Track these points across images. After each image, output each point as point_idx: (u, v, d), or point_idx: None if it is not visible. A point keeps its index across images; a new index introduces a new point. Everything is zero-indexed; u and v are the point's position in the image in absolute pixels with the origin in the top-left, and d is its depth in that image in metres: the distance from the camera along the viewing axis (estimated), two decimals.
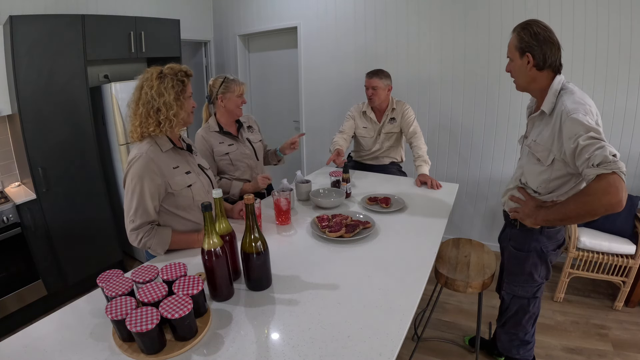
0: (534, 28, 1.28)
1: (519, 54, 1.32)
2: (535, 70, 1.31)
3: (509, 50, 1.37)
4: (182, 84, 1.33)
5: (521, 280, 1.53)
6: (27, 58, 2.18)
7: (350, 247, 1.43)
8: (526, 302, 1.55)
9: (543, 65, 1.29)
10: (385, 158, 2.59)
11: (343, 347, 0.91)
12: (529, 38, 1.28)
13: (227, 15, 3.97)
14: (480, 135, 2.89)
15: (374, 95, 2.38)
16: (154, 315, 0.85)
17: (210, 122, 2.00)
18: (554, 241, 1.46)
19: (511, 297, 1.59)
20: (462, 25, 2.74)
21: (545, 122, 1.32)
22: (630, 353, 1.94)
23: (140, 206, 1.29)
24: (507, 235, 1.60)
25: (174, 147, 1.41)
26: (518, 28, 1.32)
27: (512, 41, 1.34)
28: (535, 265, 1.48)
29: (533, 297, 1.54)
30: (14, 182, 2.58)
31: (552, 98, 1.29)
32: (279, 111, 4.08)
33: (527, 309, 1.56)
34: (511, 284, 1.57)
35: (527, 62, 1.30)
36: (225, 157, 1.97)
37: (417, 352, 2.02)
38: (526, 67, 1.31)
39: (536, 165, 1.35)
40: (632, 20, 2.22)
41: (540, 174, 1.34)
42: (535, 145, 1.35)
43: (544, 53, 1.27)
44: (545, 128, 1.31)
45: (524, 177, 1.44)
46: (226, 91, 1.93)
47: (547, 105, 1.30)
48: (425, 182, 2.15)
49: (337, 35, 3.32)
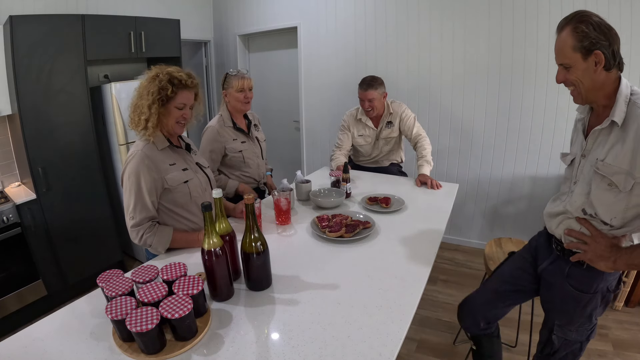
0: (594, 18, 1.02)
1: (581, 56, 1.03)
2: (604, 71, 1.04)
3: (562, 54, 1.07)
4: (167, 93, 1.29)
5: (578, 324, 1.25)
6: (27, 58, 2.18)
7: (350, 247, 1.43)
8: (579, 345, 1.29)
9: (612, 63, 1.03)
10: (385, 161, 2.57)
11: (343, 347, 0.91)
12: (594, 32, 1.00)
13: (227, 15, 3.97)
14: (480, 136, 2.89)
15: (371, 108, 2.28)
16: (154, 315, 0.85)
17: (224, 115, 2.00)
18: (616, 275, 1.21)
19: (563, 341, 1.30)
20: (462, 25, 2.73)
21: (617, 136, 1.05)
22: (630, 353, 1.94)
23: (139, 202, 1.30)
24: (562, 271, 1.25)
25: (171, 145, 1.41)
26: (573, 22, 1.04)
27: (565, 41, 1.05)
28: (597, 306, 1.22)
29: (587, 339, 1.29)
30: (14, 182, 2.58)
31: (623, 106, 1.03)
32: (279, 111, 4.08)
33: (579, 353, 1.31)
34: (565, 327, 1.28)
35: (594, 63, 1.02)
36: (239, 154, 1.98)
37: (417, 351, 2.02)
38: (594, 70, 1.03)
39: (609, 192, 1.07)
40: (632, 19, 2.19)
41: (616, 203, 1.07)
42: (605, 167, 1.06)
43: (612, 48, 1.02)
44: (619, 145, 1.04)
45: (590, 208, 1.13)
46: (227, 87, 1.97)
47: (618, 115, 1.03)
48: (425, 182, 2.14)
49: (337, 36, 3.32)
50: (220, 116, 1.99)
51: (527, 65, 2.55)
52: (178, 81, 1.32)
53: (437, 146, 3.08)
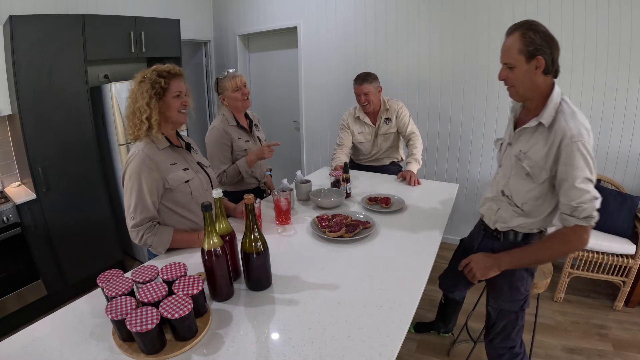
0: (540, 28, 1.15)
1: (524, 58, 1.16)
2: (542, 75, 1.18)
3: (508, 54, 1.20)
4: (160, 85, 1.31)
5: (508, 295, 1.41)
6: (27, 58, 2.18)
7: (350, 247, 1.43)
8: (514, 315, 1.43)
9: (550, 69, 1.17)
10: (385, 159, 2.58)
11: (343, 347, 0.91)
12: (539, 39, 1.14)
13: (227, 15, 3.97)
14: (480, 136, 2.89)
15: (367, 102, 2.33)
16: (154, 315, 0.85)
17: (227, 115, 2.01)
18: None
19: (498, 312, 1.46)
20: (462, 25, 2.73)
21: (541, 135, 1.20)
22: (630, 353, 1.94)
23: (140, 202, 1.30)
24: (489, 248, 1.44)
25: (171, 145, 1.41)
26: (522, 29, 1.17)
27: (512, 44, 1.18)
28: (522, 278, 1.38)
29: (521, 309, 1.42)
30: (14, 182, 2.58)
31: (552, 111, 1.18)
32: (279, 111, 4.08)
33: (516, 322, 1.44)
34: (497, 299, 1.44)
35: (535, 66, 1.16)
36: (244, 152, 2.00)
37: (417, 351, 2.02)
38: (534, 73, 1.17)
39: (525, 181, 1.26)
40: (632, 19, 2.22)
41: (530, 191, 1.26)
42: (526, 159, 1.24)
43: (553, 56, 1.15)
44: (541, 143, 1.20)
45: (507, 189, 1.33)
46: (223, 91, 1.99)
47: (546, 118, 1.18)
48: (405, 177, 2.19)
49: (337, 35, 3.32)
50: (222, 116, 2.00)
51: None
52: (166, 72, 1.34)
53: (437, 147, 3.08)
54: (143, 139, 1.35)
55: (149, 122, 1.31)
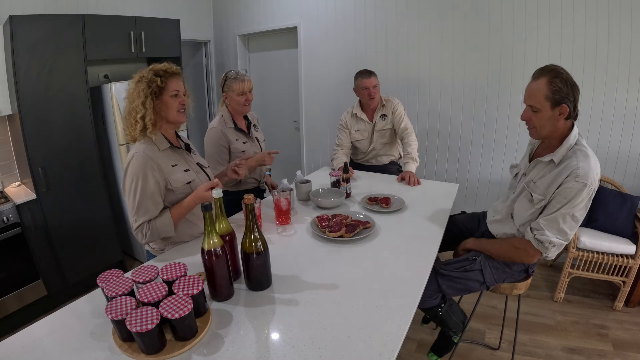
0: (564, 74, 1.18)
1: (550, 105, 1.20)
2: (564, 120, 1.23)
3: (534, 98, 1.23)
4: (156, 84, 1.29)
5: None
6: (27, 58, 2.18)
7: (350, 247, 1.43)
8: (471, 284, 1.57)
9: (572, 115, 1.22)
10: (384, 157, 2.59)
11: (343, 347, 0.91)
12: (566, 88, 1.17)
13: (227, 15, 3.97)
14: (480, 136, 2.89)
15: (375, 94, 2.40)
16: (154, 315, 0.85)
17: (225, 116, 1.99)
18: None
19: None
20: (462, 26, 2.73)
21: (551, 169, 1.29)
22: (630, 353, 1.94)
23: (142, 204, 1.29)
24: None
25: (171, 146, 1.41)
26: (549, 75, 1.19)
27: (539, 89, 1.21)
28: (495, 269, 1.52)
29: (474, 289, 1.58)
30: (14, 182, 2.57)
31: (564, 151, 1.25)
32: (279, 111, 4.08)
33: (463, 288, 1.57)
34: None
35: (559, 113, 1.20)
36: (241, 154, 1.98)
37: (417, 351, 2.02)
38: (557, 119, 1.22)
39: (528, 204, 1.36)
40: (632, 20, 2.22)
41: (526, 211, 1.37)
42: (533, 187, 1.33)
43: (575, 103, 1.20)
44: (549, 175, 1.29)
45: (514, 212, 1.45)
46: (228, 90, 1.96)
47: (558, 157, 1.27)
48: (404, 178, 2.20)
49: (337, 35, 3.32)
50: (221, 117, 1.99)
51: (527, 67, 2.55)
52: (163, 71, 1.33)
53: (437, 147, 3.08)
54: (142, 140, 1.34)
55: (144, 122, 1.30)
